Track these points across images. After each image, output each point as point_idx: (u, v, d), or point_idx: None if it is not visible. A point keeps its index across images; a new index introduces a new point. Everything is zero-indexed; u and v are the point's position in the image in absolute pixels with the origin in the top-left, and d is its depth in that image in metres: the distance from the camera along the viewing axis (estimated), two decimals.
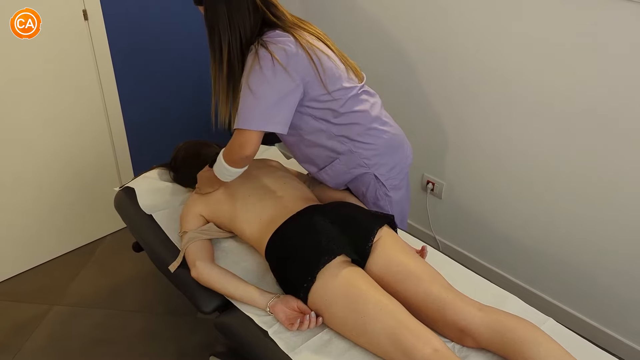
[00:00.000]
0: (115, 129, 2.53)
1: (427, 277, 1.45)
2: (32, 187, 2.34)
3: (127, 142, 2.60)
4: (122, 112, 2.53)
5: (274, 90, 1.48)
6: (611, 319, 2.02)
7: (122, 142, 2.58)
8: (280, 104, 1.50)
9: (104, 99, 2.44)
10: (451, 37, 2.11)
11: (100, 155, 2.52)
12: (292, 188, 1.74)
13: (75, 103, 2.35)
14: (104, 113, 2.46)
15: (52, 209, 2.44)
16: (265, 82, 1.47)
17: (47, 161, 2.35)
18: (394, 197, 1.78)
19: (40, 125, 2.27)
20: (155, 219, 1.84)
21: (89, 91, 2.38)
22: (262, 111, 1.48)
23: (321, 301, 1.42)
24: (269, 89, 1.47)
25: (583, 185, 1.93)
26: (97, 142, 2.48)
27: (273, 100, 1.48)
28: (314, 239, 1.48)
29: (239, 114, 1.50)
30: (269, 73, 1.47)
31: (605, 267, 1.96)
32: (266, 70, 1.47)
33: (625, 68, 1.68)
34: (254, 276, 1.64)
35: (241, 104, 1.50)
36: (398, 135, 1.75)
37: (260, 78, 1.47)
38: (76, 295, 2.34)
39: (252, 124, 1.49)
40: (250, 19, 1.52)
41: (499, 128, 2.10)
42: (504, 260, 2.30)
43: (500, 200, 2.21)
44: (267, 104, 1.48)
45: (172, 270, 1.65)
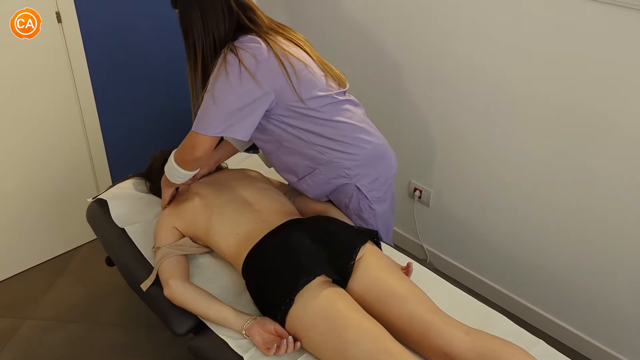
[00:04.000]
0: (92, 134, 2.43)
1: (412, 297, 1.38)
2: (1, 195, 2.25)
3: (104, 148, 2.50)
4: (99, 119, 2.43)
5: (237, 98, 1.43)
6: (604, 331, 1.96)
7: (99, 147, 2.48)
8: (243, 111, 1.45)
9: (80, 106, 2.34)
10: (438, 43, 2.04)
11: (76, 161, 2.42)
12: (271, 200, 1.66)
13: (49, 109, 2.25)
14: (80, 120, 2.37)
15: (23, 217, 2.34)
16: (229, 89, 1.43)
17: (19, 169, 2.25)
18: (377, 210, 1.71)
19: (11, 132, 2.18)
20: (128, 232, 1.75)
21: (63, 97, 2.28)
22: (221, 118, 1.44)
23: (299, 325, 1.34)
24: (232, 96, 1.43)
25: (573, 192, 1.87)
26: (72, 148, 2.39)
27: (234, 108, 1.44)
28: (292, 257, 1.41)
29: (198, 117, 1.48)
30: (234, 80, 1.42)
31: (599, 277, 1.90)
32: (232, 77, 1.42)
33: (619, 74, 1.62)
34: (231, 294, 1.56)
35: (202, 108, 1.47)
36: (381, 145, 1.67)
37: (225, 84, 1.43)
38: (50, 308, 2.25)
39: (208, 129, 1.46)
40: (224, 23, 1.47)
41: (487, 134, 2.03)
42: (492, 269, 2.24)
43: (489, 207, 2.14)
44: (227, 111, 1.44)
45: (144, 289, 1.57)
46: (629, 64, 1.59)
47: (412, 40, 2.12)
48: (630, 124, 1.65)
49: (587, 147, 1.77)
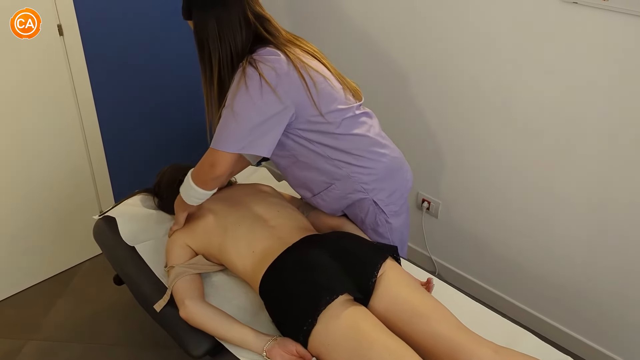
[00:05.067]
0: (94, 148, 2.38)
1: (437, 315, 1.34)
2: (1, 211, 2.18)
3: (106, 163, 2.45)
4: (101, 133, 2.38)
5: (258, 113, 1.38)
6: (622, 345, 1.94)
7: (101, 162, 2.43)
8: (264, 126, 1.40)
9: (82, 120, 2.29)
10: (446, 55, 2.03)
11: (77, 176, 2.37)
12: (286, 216, 1.63)
13: (50, 123, 2.20)
14: (82, 134, 2.32)
15: (22, 235, 2.27)
16: (250, 104, 1.37)
17: (18, 185, 2.19)
18: (394, 224, 1.68)
19: (11, 147, 2.12)
20: (138, 251, 1.70)
21: (65, 112, 2.23)
22: (242, 133, 1.39)
23: (323, 346, 1.30)
24: (253, 111, 1.38)
25: (582, 205, 1.85)
26: (73, 163, 2.33)
27: (256, 123, 1.39)
28: (313, 276, 1.37)
29: (217, 134, 1.42)
30: (255, 94, 1.37)
31: (615, 292, 1.88)
32: (252, 91, 1.37)
33: (630, 84, 1.61)
34: (247, 314, 1.52)
35: (221, 124, 1.41)
36: (397, 158, 1.65)
37: (245, 99, 1.37)
38: (52, 328, 2.19)
39: (229, 146, 1.40)
40: (241, 34, 1.43)
41: (495, 146, 2.02)
42: (502, 281, 2.22)
43: (498, 219, 2.12)
44: (248, 127, 1.39)
45: (158, 310, 1.52)
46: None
47: (420, 52, 2.11)
48: None
49: (600, 161, 1.76)
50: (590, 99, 1.71)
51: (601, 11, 1.59)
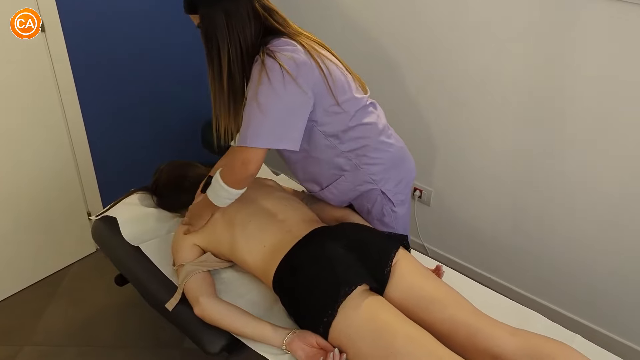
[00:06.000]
0: (79, 148, 2.32)
1: (452, 301, 1.37)
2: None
3: (92, 162, 2.39)
4: (86, 131, 2.32)
5: (284, 104, 1.36)
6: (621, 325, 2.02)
7: (87, 161, 2.37)
8: (290, 118, 1.39)
9: (66, 119, 2.22)
10: (438, 44, 2.05)
11: (62, 177, 2.30)
12: (294, 210, 1.63)
13: (33, 122, 2.13)
14: (67, 133, 2.25)
15: (8, 239, 2.20)
16: (275, 96, 1.35)
17: (0, 187, 2.12)
18: (399, 212, 1.70)
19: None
20: (143, 250, 1.68)
21: (48, 111, 2.16)
22: (272, 127, 1.37)
23: (344, 336, 1.31)
24: (278, 103, 1.36)
25: (574, 189, 1.92)
26: (58, 163, 2.26)
27: (283, 115, 1.37)
28: (330, 268, 1.38)
29: (245, 131, 1.37)
30: (278, 86, 1.34)
31: (606, 270, 1.96)
32: (275, 83, 1.34)
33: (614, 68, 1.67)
34: (261, 309, 1.52)
35: (247, 119, 1.38)
36: (402, 147, 1.67)
37: (269, 91, 1.35)
38: (46, 332, 2.13)
39: (260, 141, 1.37)
40: (251, 27, 1.39)
41: (487, 133, 2.06)
42: (496, 266, 2.28)
43: (490, 206, 2.18)
44: (277, 119, 1.36)
45: (170, 309, 1.50)
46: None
47: (410, 40, 2.13)
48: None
49: (592, 147, 1.82)
50: (580, 89, 1.77)
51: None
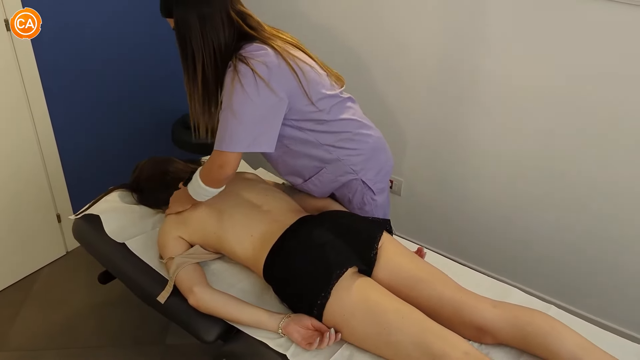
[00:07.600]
0: (46, 148, 2.27)
1: (437, 279, 1.46)
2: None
3: (60, 162, 2.35)
4: (53, 130, 2.28)
5: (257, 109, 1.42)
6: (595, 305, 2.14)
7: (55, 161, 2.32)
8: (265, 122, 1.44)
9: (34, 121, 2.18)
10: (402, 32, 2.12)
11: (29, 177, 2.25)
12: (277, 200, 1.67)
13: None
14: (34, 135, 2.21)
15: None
16: (249, 102, 1.40)
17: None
18: (379, 200, 1.77)
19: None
20: (129, 247, 1.68)
21: (15, 112, 2.12)
22: (246, 132, 1.42)
23: (338, 316, 1.38)
24: (252, 109, 1.41)
25: (545, 175, 2.03)
26: (24, 163, 2.21)
27: (256, 120, 1.43)
28: (321, 253, 1.44)
29: (222, 136, 1.43)
30: (252, 91, 1.40)
31: (579, 253, 2.07)
32: (249, 89, 1.40)
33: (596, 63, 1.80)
34: (252, 296, 1.56)
35: (223, 125, 1.43)
36: (380, 137, 1.74)
37: (243, 98, 1.40)
38: (22, 337, 2.09)
39: (236, 146, 1.43)
40: (224, 32, 1.44)
41: (457, 122, 2.15)
42: (467, 251, 2.38)
43: (462, 194, 2.28)
44: (251, 125, 1.42)
45: (163, 302, 1.52)
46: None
47: (379, 32, 2.19)
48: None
49: (563, 134, 1.93)
50: (545, 71, 1.89)
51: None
